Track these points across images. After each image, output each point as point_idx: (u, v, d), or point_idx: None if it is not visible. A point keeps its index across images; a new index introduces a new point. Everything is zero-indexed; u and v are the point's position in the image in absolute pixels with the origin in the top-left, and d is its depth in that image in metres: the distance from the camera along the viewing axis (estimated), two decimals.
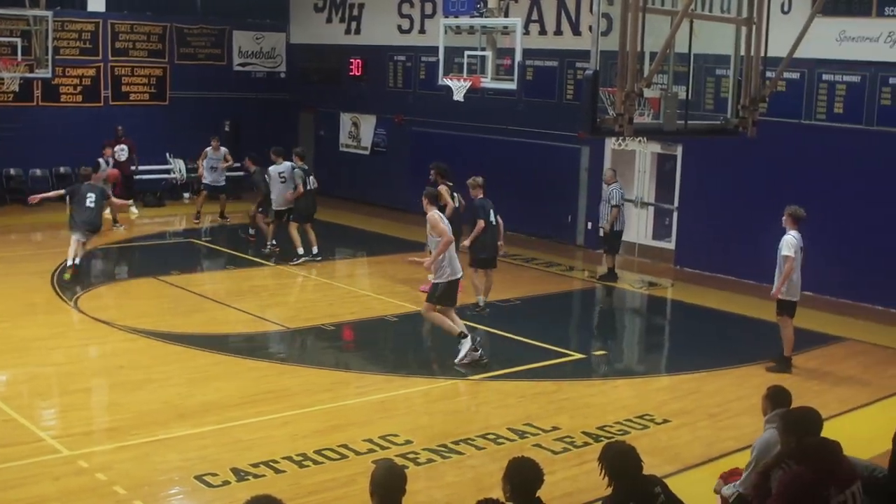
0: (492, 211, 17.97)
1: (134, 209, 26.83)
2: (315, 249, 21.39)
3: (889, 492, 7.64)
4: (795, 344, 15.38)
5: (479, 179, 18.20)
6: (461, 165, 21.75)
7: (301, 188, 21.03)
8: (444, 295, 15.00)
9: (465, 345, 14.85)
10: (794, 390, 9.05)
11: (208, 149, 26.03)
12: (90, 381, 14.25)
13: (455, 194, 18.89)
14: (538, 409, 13.24)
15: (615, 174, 21.07)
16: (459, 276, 15.20)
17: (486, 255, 17.98)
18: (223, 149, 26.09)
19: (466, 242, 17.79)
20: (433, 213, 15.07)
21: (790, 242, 14.80)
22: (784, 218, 15.07)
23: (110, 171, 25.44)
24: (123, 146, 26.82)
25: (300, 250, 21.27)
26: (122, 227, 24.79)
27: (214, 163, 25.89)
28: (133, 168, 27.41)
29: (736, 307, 19.15)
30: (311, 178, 21.57)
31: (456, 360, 14.84)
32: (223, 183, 26.24)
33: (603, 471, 7.04)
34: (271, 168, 21.72)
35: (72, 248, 19.17)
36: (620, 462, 7.04)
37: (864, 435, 7.99)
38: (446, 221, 15.44)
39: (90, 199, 19.37)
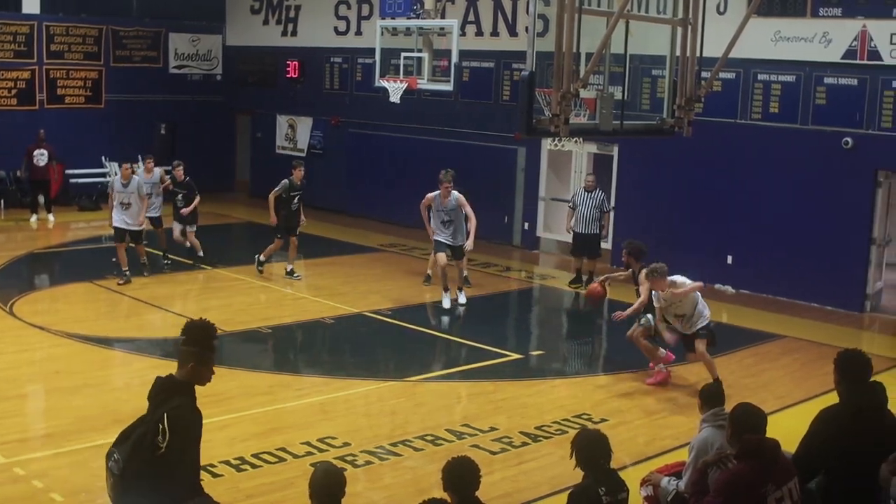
0: None
1: (51, 216, 26.53)
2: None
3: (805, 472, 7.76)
4: (732, 342, 16.22)
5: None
6: (398, 167, 21.80)
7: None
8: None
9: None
10: (731, 388, 9.16)
11: (139, 172, 20.95)
12: (26, 387, 14.09)
13: None
14: (476, 410, 13.27)
15: (595, 179, 20.90)
16: None
17: None
18: (157, 169, 21.45)
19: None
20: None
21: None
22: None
23: None
24: (44, 151, 26.10)
25: (200, 254, 21.51)
26: None
27: (149, 188, 20.63)
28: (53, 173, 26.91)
29: None
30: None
31: None
32: (158, 213, 21.39)
33: (573, 456, 7.36)
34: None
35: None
36: (590, 449, 7.34)
37: (801, 431, 8.03)
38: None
39: None
